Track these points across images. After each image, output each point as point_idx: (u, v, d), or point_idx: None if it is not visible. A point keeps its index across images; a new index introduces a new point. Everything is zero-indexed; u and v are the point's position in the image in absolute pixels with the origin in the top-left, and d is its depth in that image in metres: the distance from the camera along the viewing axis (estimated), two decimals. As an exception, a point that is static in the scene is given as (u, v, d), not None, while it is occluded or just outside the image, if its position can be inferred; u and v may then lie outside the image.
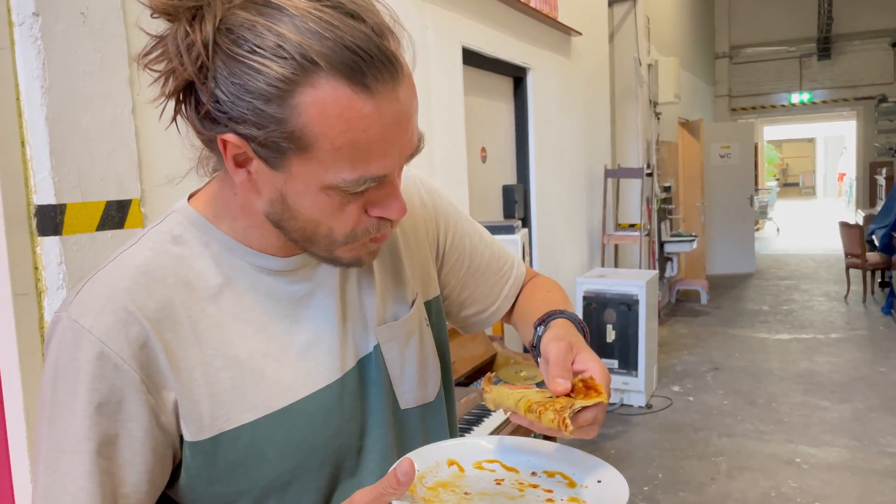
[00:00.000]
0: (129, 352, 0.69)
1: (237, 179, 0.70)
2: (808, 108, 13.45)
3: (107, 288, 0.71)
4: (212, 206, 0.77)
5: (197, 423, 0.72)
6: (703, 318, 7.33)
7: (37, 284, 1.47)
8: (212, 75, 0.63)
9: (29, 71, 1.43)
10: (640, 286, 4.63)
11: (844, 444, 4.05)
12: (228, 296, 0.75)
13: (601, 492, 0.72)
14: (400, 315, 0.87)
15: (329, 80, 0.62)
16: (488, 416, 2.49)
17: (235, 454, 0.73)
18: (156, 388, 0.70)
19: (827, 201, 23.84)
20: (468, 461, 0.77)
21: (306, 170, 0.66)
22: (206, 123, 0.66)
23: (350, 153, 0.64)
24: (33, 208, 1.46)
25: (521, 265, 1.07)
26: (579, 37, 5.02)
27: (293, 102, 0.62)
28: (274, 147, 0.65)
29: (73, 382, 0.68)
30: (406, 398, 0.86)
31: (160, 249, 0.75)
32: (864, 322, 6.90)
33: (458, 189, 3.42)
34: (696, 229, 8.66)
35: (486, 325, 1.05)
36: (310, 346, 0.78)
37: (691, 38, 10.27)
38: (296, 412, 0.75)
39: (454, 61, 3.32)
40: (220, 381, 0.72)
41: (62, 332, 0.70)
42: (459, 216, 1.02)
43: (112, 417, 0.69)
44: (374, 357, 0.83)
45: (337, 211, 0.69)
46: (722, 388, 5.09)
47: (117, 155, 1.59)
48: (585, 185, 5.49)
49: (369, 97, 0.63)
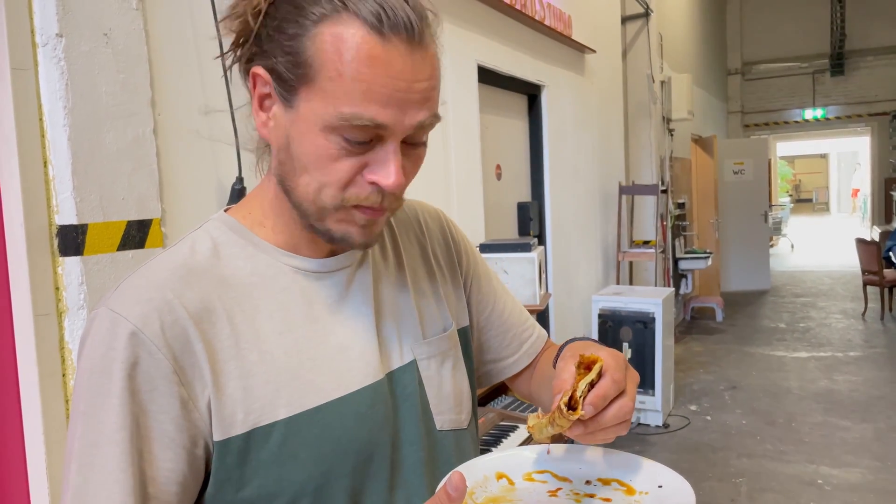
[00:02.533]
0: (162, 339, 0.68)
1: (258, 122, 0.73)
2: (821, 125, 13.40)
3: (146, 280, 0.72)
4: (248, 211, 0.80)
5: (230, 418, 0.70)
6: (719, 336, 7.26)
7: (57, 305, 1.47)
8: (262, 21, 0.70)
9: (52, 91, 1.43)
10: (656, 304, 4.59)
11: (867, 465, 3.98)
12: (264, 294, 0.75)
13: (664, 497, 0.69)
14: (437, 333, 0.87)
15: (351, 19, 0.67)
16: (506, 436, 2.46)
17: (268, 452, 0.71)
18: (188, 381, 0.69)
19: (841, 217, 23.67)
20: (517, 473, 0.75)
21: (310, 105, 0.68)
22: (247, 64, 0.73)
23: (350, 84, 0.66)
24: (55, 228, 1.46)
25: (542, 329, 1.06)
26: (593, 54, 5.02)
27: (315, 31, 0.67)
28: (287, 77, 0.69)
29: (108, 372, 0.68)
30: (442, 419, 0.85)
31: (198, 249, 0.76)
32: (883, 340, 6.81)
33: (474, 206, 3.41)
34: (711, 246, 8.61)
35: (499, 378, 1.02)
36: (343, 350, 0.77)
37: (703, 54, 10.27)
38: (329, 412, 0.74)
39: (469, 79, 3.32)
40: (255, 375, 0.72)
41: (99, 325, 0.70)
42: (486, 265, 1.03)
43: (143, 407, 0.68)
44: (408, 371, 0.82)
45: (333, 162, 0.70)
46: (740, 408, 5.02)
47: (138, 175, 1.59)
48: (600, 201, 5.47)
49: (381, 41, 0.66)
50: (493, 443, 2.40)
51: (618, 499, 0.71)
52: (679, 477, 0.70)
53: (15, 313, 1.44)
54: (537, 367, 1.02)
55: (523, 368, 1.02)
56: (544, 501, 0.71)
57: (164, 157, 1.66)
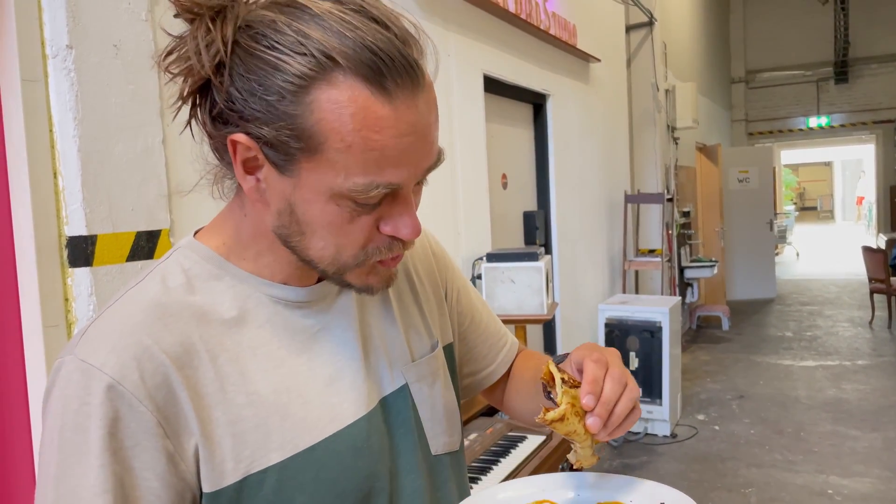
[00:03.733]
0: (144, 391, 0.63)
1: (246, 188, 0.66)
2: (825, 132, 13.38)
3: (118, 324, 0.66)
4: (220, 236, 0.73)
5: (219, 467, 0.66)
6: (726, 345, 7.22)
7: (67, 316, 1.46)
8: (228, 73, 0.62)
9: (62, 103, 1.44)
10: (663, 313, 4.57)
11: (877, 475, 3.94)
12: (245, 329, 0.70)
13: None
14: (424, 354, 0.84)
15: (347, 78, 0.60)
16: (515, 447, 2.44)
17: (262, 500, 0.67)
18: (175, 433, 0.64)
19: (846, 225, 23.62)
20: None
21: (316, 175, 0.63)
22: (218, 125, 0.65)
23: (361, 154, 0.61)
24: (64, 239, 1.46)
25: (513, 337, 1.05)
26: (598, 63, 5.02)
27: (308, 99, 0.60)
28: (283, 147, 0.62)
29: (84, 430, 0.61)
30: (436, 443, 0.82)
31: (171, 284, 0.70)
32: (891, 348, 6.76)
33: (481, 216, 3.41)
34: (716, 254, 8.59)
35: (477, 391, 1.01)
36: (332, 381, 0.73)
37: (707, 63, 10.28)
38: (324, 450, 0.70)
39: (476, 88, 3.32)
40: (244, 420, 0.67)
41: (67, 376, 0.63)
42: (462, 276, 1.00)
43: (126, 465, 0.62)
44: (401, 396, 0.79)
45: (346, 224, 0.65)
46: (748, 417, 4.99)
47: (147, 185, 1.59)
48: (605, 210, 5.46)
49: (387, 100, 0.61)
50: (503, 453, 2.39)
51: None
52: (680, 494, 0.70)
53: (24, 324, 1.44)
54: (511, 376, 1.01)
55: (499, 378, 1.01)
56: None
57: (173, 168, 1.66)
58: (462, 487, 0.87)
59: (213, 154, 0.69)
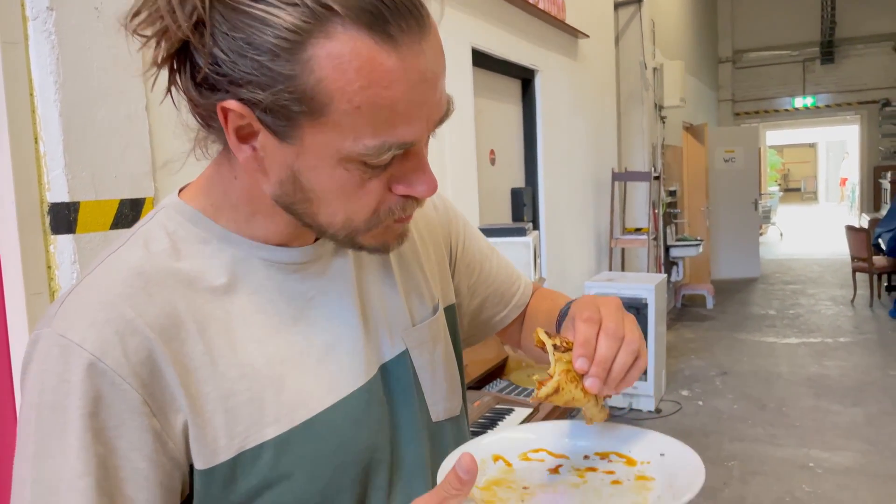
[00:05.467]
0: (127, 368, 0.59)
1: (241, 157, 0.61)
2: (811, 113, 13.44)
3: (98, 294, 0.61)
4: (207, 196, 0.68)
5: (211, 445, 0.62)
6: (710, 323, 7.29)
7: (50, 284, 1.44)
8: (209, 32, 0.55)
9: (43, 66, 1.40)
10: (649, 290, 4.60)
11: (858, 448, 4.01)
12: (235, 297, 0.66)
13: (669, 465, 0.67)
14: (425, 318, 0.80)
15: (347, 28, 0.54)
16: (502, 419, 2.45)
17: (257, 477, 0.63)
18: (161, 410, 0.60)
19: (829, 206, 23.81)
20: (513, 454, 0.73)
21: (321, 139, 0.58)
22: (204, 91, 0.58)
23: (371, 114, 0.56)
24: (46, 206, 1.43)
25: (527, 278, 1.03)
26: (586, 39, 4.99)
27: (305, 56, 0.54)
28: (283, 112, 0.56)
29: (63, 408, 0.58)
30: (437, 409, 0.80)
31: (154, 249, 0.65)
32: (873, 326, 6.85)
33: (468, 192, 3.39)
34: (701, 234, 8.63)
35: (490, 334, 1.00)
36: (330, 349, 0.69)
37: (695, 42, 10.27)
38: (322, 423, 0.66)
39: (464, 62, 3.29)
40: (236, 394, 0.63)
41: (46, 351, 0.59)
42: (468, 222, 0.97)
43: (110, 446, 0.59)
44: (401, 362, 0.76)
45: (357, 189, 0.61)
46: (731, 393, 5.05)
47: (131, 153, 1.56)
48: (593, 188, 5.46)
49: (393, 49, 0.55)
50: (490, 425, 2.39)
51: (620, 471, 0.69)
52: (679, 443, 0.69)
53: (6, 293, 1.41)
54: (527, 317, 1.00)
55: (512, 321, 1.00)
56: (547, 480, 0.69)
57: (157, 135, 1.63)
58: None
59: (199, 122, 0.63)
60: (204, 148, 0.66)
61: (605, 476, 0.69)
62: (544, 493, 0.66)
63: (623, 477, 0.68)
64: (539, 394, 0.65)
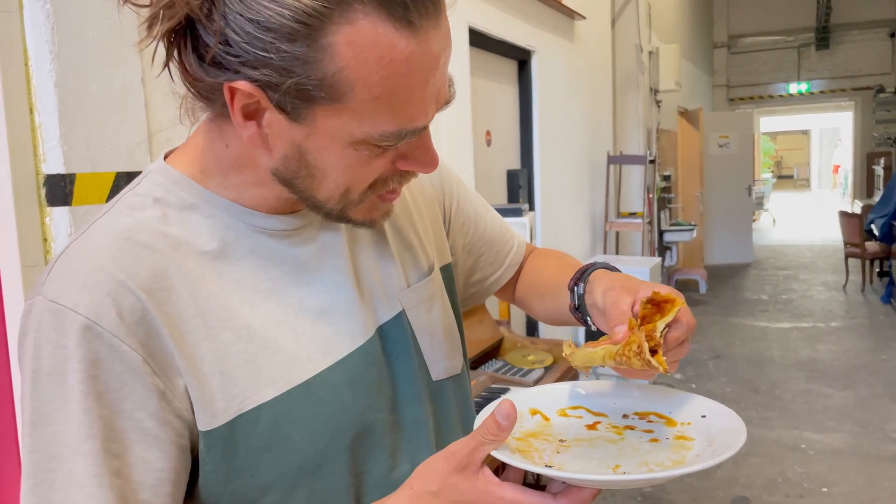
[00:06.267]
0: (124, 329, 0.58)
1: (245, 134, 0.60)
2: (806, 99, 13.45)
3: (86, 259, 0.61)
4: (196, 162, 0.67)
5: (209, 407, 0.62)
6: (703, 308, 7.31)
7: (46, 256, 1.43)
8: (220, 11, 0.54)
9: (37, 35, 1.38)
10: (643, 273, 4.60)
11: (849, 431, 4.04)
12: (227, 262, 0.66)
13: (709, 426, 0.67)
14: (421, 279, 0.80)
15: (368, 14, 0.53)
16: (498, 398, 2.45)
17: (256, 439, 0.63)
18: (162, 370, 0.60)
19: (822, 193, 23.88)
20: (551, 409, 0.73)
21: (335, 122, 0.57)
22: (210, 69, 0.57)
23: (390, 102, 0.56)
24: (42, 178, 1.41)
25: (520, 237, 1.03)
26: (583, 21, 4.97)
27: (325, 42, 0.53)
28: (299, 95, 0.56)
29: (61, 374, 0.58)
30: (437, 368, 0.80)
31: (141, 214, 0.64)
32: (864, 311, 6.89)
33: (464, 173, 3.38)
34: (695, 219, 8.65)
35: (486, 296, 1.00)
36: (324, 312, 0.69)
37: (690, 26, 10.23)
38: (320, 384, 0.66)
39: (461, 41, 3.27)
40: (232, 356, 0.63)
41: (38, 319, 0.59)
42: (462, 182, 0.97)
43: (115, 408, 0.58)
44: (398, 324, 0.76)
45: (363, 167, 0.61)
46: (724, 376, 5.08)
47: (127, 125, 1.54)
48: (588, 171, 5.45)
49: (412, 35, 0.55)
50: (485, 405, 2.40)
51: (659, 430, 0.69)
52: (722, 406, 0.69)
53: (2, 264, 1.40)
54: (525, 275, 1.00)
55: (508, 280, 1.00)
56: (584, 435, 0.69)
57: (152, 108, 1.61)
58: (466, 411, 0.85)
59: (198, 97, 0.61)
60: (191, 114, 0.65)
61: (643, 434, 0.69)
62: (580, 447, 0.66)
63: (661, 436, 0.68)
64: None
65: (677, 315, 0.67)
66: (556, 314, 0.91)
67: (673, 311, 0.66)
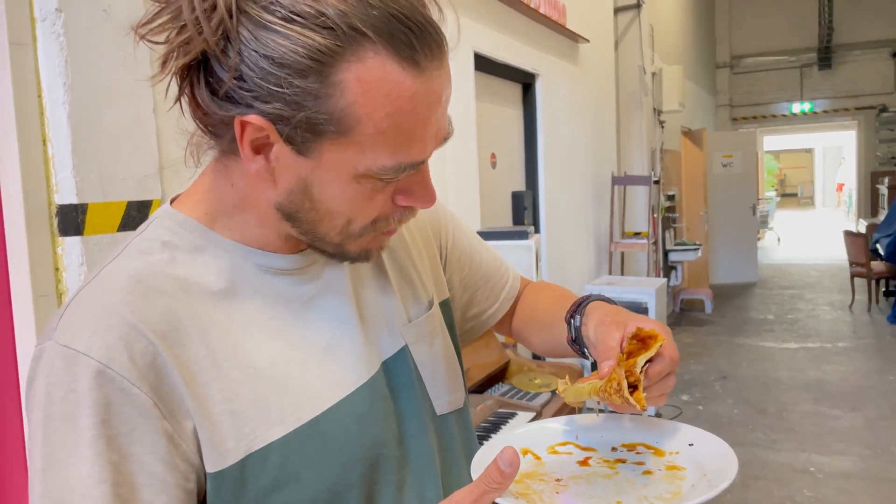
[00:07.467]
0: (135, 373, 0.59)
1: (253, 167, 0.61)
2: (808, 118, 13.48)
3: (98, 303, 0.61)
4: (202, 204, 0.69)
5: (219, 447, 0.62)
6: (709, 327, 7.29)
7: (57, 286, 1.44)
8: (235, 47, 0.56)
9: (51, 68, 1.40)
10: (649, 294, 4.60)
11: (858, 453, 4.01)
12: (234, 301, 0.67)
13: (698, 454, 0.68)
14: (421, 314, 0.81)
15: (378, 53, 0.56)
16: (506, 423, 2.45)
17: (266, 478, 0.64)
18: (171, 413, 0.61)
19: (826, 212, 23.86)
20: (541, 448, 0.74)
21: (341, 156, 0.59)
22: (222, 104, 0.58)
23: (393, 137, 0.58)
24: (55, 208, 1.43)
25: (515, 271, 1.04)
26: (586, 44, 5.01)
27: (335, 79, 0.56)
28: (309, 128, 0.58)
29: (72, 418, 0.58)
30: (440, 403, 0.81)
31: (150, 258, 0.65)
32: (871, 331, 6.87)
33: (470, 195, 3.39)
34: (700, 238, 8.64)
35: (483, 331, 1.01)
36: (330, 349, 0.70)
37: (693, 47, 10.30)
38: (328, 422, 0.67)
39: (466, 66, 3.30)
40: (241, 396, 0.64)
41: (49, 364, 0.59)
42: (456, 217, 0.98)
43: (124, 452, 0.59)
44: (401, 358, 0.77)
45: (365, 201, 0.63)
46: (731, 397, 5.05)
47: (139, 154, 1.56)
48: (592, 192, 5.47)
49: (418, 74, 0.57)
50: (493, 429, 2.39)
51: (650, 462, 0.70)
52: (707, 433, 0.70)
53: (14, 294, 1.41)
54: (517, 309, 1.01)
55: (504, 315, 1.01)
56: (578, 472, 0.70)
57: (164, 137, 1.63)
58: (469, 445, 0.86)
59: (207, 132, 0.63)
60: (195, 156, 0.67)
61: (635, 467, 0.69)
62: (577, 485, 0.67)
63: (653, 467, 0.69)
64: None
65: (659, 350, 0.68)
66: (554, 346, 0.92)
67: (654, 347, 0.67)
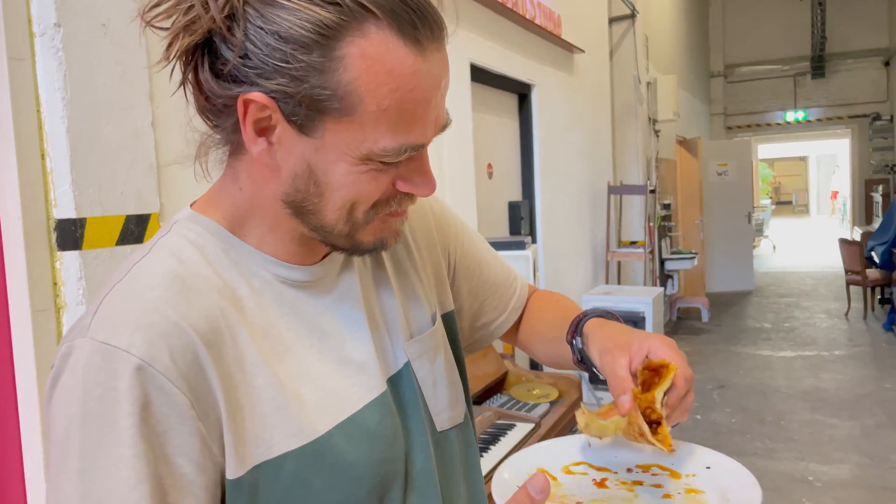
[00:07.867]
0: (176, 371, 0.58)
1: (255, 150, 0.61)
2: (802, 126, 13.54)
3: (137, 299, 0.60)
4: (218, 209, 0.68)
5: (241, 452, 0.62)
6: (705, 336, 7.29)
7: (56, 300, 1.43)
8: (241, 25, 0.56)
9: (50, 82, 1.40)
10: (646, 303, 4.61)
11: (856, 462, 4.01)
12: (256, 309, 0.66)
13: (717, 477, 0.68)
14: (424, 329, 0.80)
15: (381, 30, 0.56)
16: (504, 434, 2.44)
17: (279, 489, 0.63)
18: (205, 414, 0.60)
19: (820, 219, 23.94)
20: (556, 468, 0.73)
21: (344, 136, 0.59)
22: (225, 84, 0.59)
23: (395, 117, 0.59)
24: (53, 222, 1.43)
25: (523, 279, 1.04)
26: (581, 54, 5.03)
27: (339, 53, 0.56)
28: (311, 105, 0.57)
29: (112, 417, 0.56)
30: (441, 419, 0.80)
31: (184, 257, 0.65)
32: (867, 339, 6.88)
33: (467, 205, 3.40)
34: (696, 246, 8.66)
35: (491, 340, 1.01)
36: (344, 363, 0.70)
37: (687, 57, 10.35)
38: (340, 435, 0.67)
39: (462, 77, 3.31)
40: (263, 402, 0.63)
41: (85, 361, 0.57)
42: (466, 225, 0.98)
43: (158, 452, 0.58)
44: (406, 374, 0.76)
45: (367, 184, 0.62)
46: (729, 406, 5.05)
47: (137, 168, 1.56)
48: (589, 201, 5.48)
49: (419, 53, 0.58)
50: (491, 441, 2.39)
51: (667, 484, 0.69)
52: (725, 457, 0.69)
53: (12, 309, 1.40)
54: (528, 318, 1.01)
55: (512, 324, 1.01)
56: (598, 495, 0.69)
57: (162, 151, 1.63)
58: (468, 461, 0.85)
59: (207, 118, 0.63)
60: (204, 166, 0.67)
61: (654, 490, 0.69)
62: None
63: (672, 490, 0.68)
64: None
65: (674, 381, 0.68)
66: (558, 360, 0.92)
67: (668, 378, 0.68)
